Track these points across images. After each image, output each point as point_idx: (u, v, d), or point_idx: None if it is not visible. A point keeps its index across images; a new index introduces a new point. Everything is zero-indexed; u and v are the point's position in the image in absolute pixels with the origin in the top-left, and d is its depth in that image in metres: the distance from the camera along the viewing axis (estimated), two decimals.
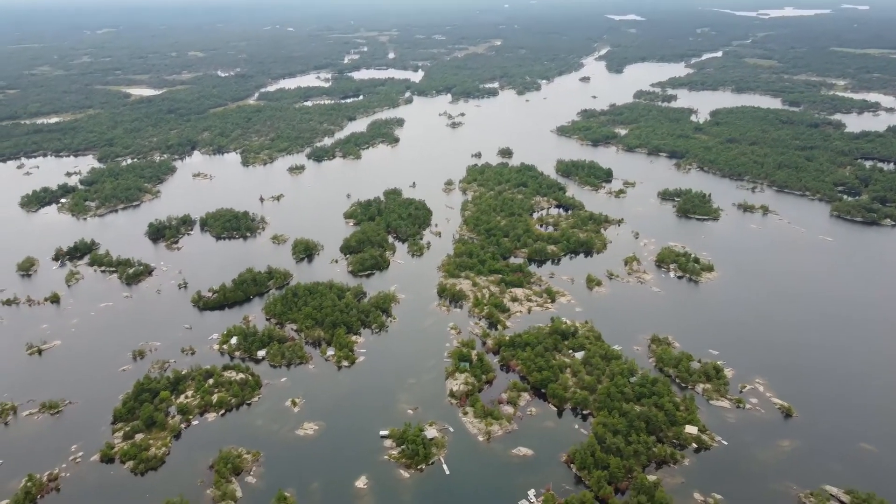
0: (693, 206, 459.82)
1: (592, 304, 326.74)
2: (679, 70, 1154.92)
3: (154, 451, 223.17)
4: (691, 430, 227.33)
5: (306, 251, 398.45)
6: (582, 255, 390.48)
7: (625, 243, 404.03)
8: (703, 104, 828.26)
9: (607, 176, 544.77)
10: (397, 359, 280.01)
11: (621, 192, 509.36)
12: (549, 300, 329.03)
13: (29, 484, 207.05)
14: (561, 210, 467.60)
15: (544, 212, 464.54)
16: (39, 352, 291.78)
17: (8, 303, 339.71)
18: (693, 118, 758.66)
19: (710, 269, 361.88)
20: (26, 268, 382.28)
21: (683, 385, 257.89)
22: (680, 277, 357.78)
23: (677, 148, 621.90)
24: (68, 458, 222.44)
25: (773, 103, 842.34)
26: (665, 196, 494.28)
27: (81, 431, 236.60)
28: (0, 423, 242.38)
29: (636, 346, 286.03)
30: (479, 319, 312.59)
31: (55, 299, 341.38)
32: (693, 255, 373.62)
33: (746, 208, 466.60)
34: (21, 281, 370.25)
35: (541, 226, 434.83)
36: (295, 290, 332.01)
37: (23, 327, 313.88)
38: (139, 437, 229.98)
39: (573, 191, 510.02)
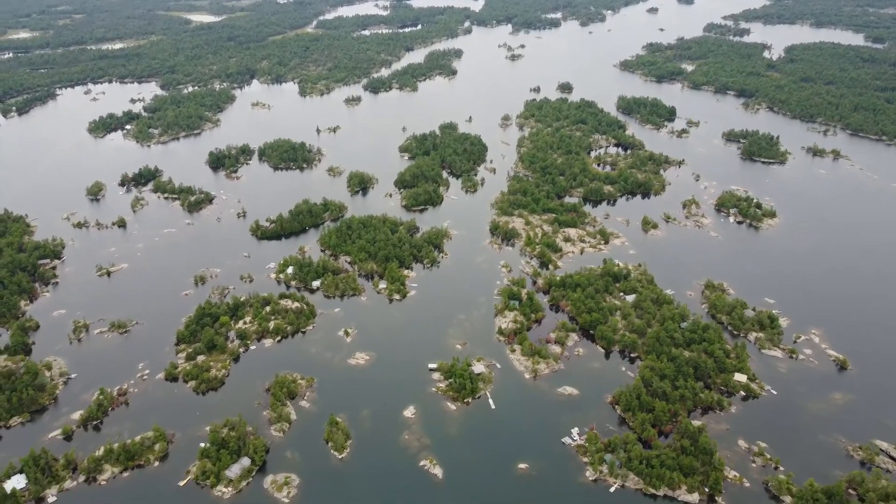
0: (759, 149, 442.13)
1: (647, 247, 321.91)
2: (755, 1, 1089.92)
3: (214, 372, 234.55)
4: (740, 378, 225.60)
5: (361, 184, 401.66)
6: (639, 197, 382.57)
7: (684, 185, 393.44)
8: (777, 39, 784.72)
9: (670, 114, 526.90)
10: (448, 294, 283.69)
11: (684, 131, 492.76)
12: (603, 242, 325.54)
13: (101, 397, 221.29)
14: (620, 149, 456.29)
15: (602, 150, 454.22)
16: (108, 273, 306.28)
17: (78, 226, 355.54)
18: (766, 55, 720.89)
19: (772, 215, 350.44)
20: (95, 192, 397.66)
21: (735, 333, 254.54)
22: (740, 223, 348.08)
23: (747, 86, 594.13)
24: (136, 375, 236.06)
25: (855, 39, 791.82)
26: (730, 137, 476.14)
27: (147, 351, 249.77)
28: (74, 339, 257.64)
29: (689, 292, 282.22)
30: (531, 258, 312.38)
31: (122, 224, 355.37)
32: (755, 200, 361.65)
33: (816, 152, 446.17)
34: (90, 205, 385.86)
35: (598, 165, 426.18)
36: (349, 223, 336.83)
37: (93, 249, 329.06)
38: (201, 358, 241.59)
39: (634, 129, 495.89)
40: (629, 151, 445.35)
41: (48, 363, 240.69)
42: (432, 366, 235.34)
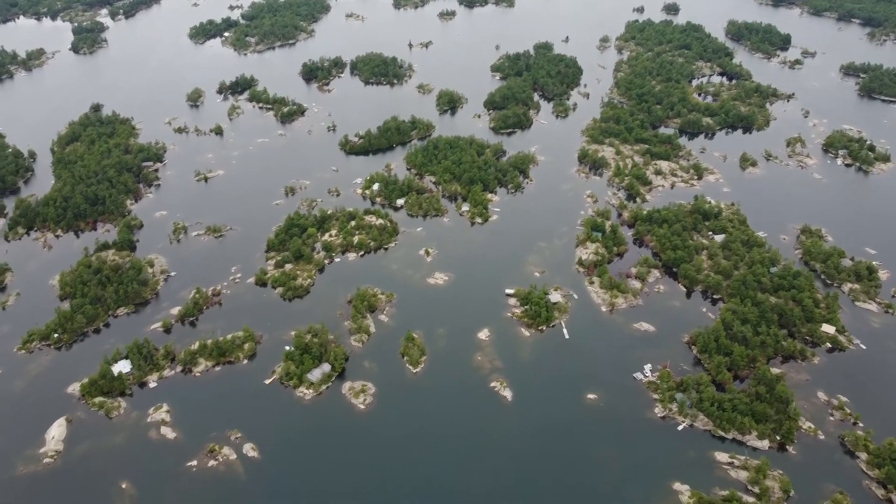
0: (881, 85, 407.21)
1: (743, 185, 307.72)
2: None
3: (300, 281, 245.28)
4: (828, 329, 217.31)
5: (450, 103, 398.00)
6: (740, 131, 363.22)
7: (791, 122, 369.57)
8: None
9: (784, 43, 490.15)
10: (530, 221, 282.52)
11: (797, 62, 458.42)
12: (696, 176, 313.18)
13: (197, 296, 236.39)
14: (724, 78, 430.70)
15: (705, 79, 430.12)
16: (206, 179, 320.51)
17: (179, 131, 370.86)
18: None
19: (885, 158, 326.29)
20: (194, 98, 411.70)
21: (829, 282, 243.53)
22: (848, 165, 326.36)
23: (875, 14, 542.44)
24: (229, 278, 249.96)
25: None
26: (848, 71, 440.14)
27: (240, 255, 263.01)
28: (174, 239, 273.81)
29: (783, 236, 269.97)
30: (618, 190, 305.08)
31: (219, 131, 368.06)
32: (868, 142, 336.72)
33: None
34: (190, 111, 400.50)
35: (699, 94, 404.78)
36: (436, 143, 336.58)
37: (191, 154, 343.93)
38: (288, 267, 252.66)
39: (742, 57, 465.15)
40: (734, 82, 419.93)
41: (150, 260, 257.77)
42: (509, 291, 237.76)
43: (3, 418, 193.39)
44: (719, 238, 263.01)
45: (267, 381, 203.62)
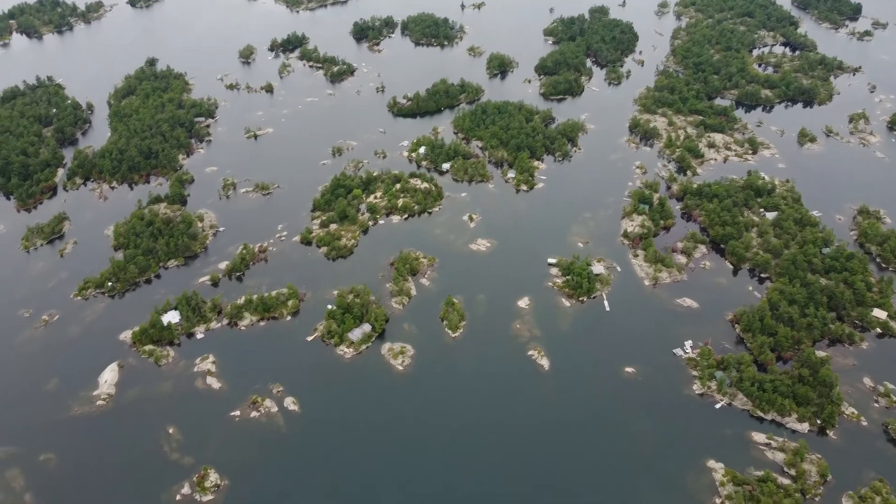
0: None
1: (799, 161, 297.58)
2: None
3: (344, 241, 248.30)
4: (879, 314, 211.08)
5: (500, 67, 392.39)
6: (800, 105, 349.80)
7: (855, 97, 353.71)
8: None
9: (854, 12, 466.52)
10: (576, 190, 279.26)
11: (867, 34, 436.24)
12: (751, 151, 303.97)
13: (244, 251, 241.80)
14: (787, 49, 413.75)
15: (767, 49, 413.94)
16: (255, 136, 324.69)
17: (230, 87, 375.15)
18: None
19: None
20: (246, 55, 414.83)
21: (884, 266, 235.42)
22: None
23: None
24: (275, 235, 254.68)
25: None
26: None
27: (286, 213, 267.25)
28: (223, 195, 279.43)
29: (839, 216, 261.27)
30: (669, 162, 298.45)
31: (269, 89, 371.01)
32: None
33: None
34: (241, 67, 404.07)
35: (759, 65, 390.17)
36: (484, 107, 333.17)
37: (242, 112, 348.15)
38: (333, 227, 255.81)
39: (808, 27, 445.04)
40: (797, 53, 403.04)
41: (200, 215, 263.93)
42: (551, 260, 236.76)
43: (59, 361, 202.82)
44: (771, 215, 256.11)
45: (309, 338, 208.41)
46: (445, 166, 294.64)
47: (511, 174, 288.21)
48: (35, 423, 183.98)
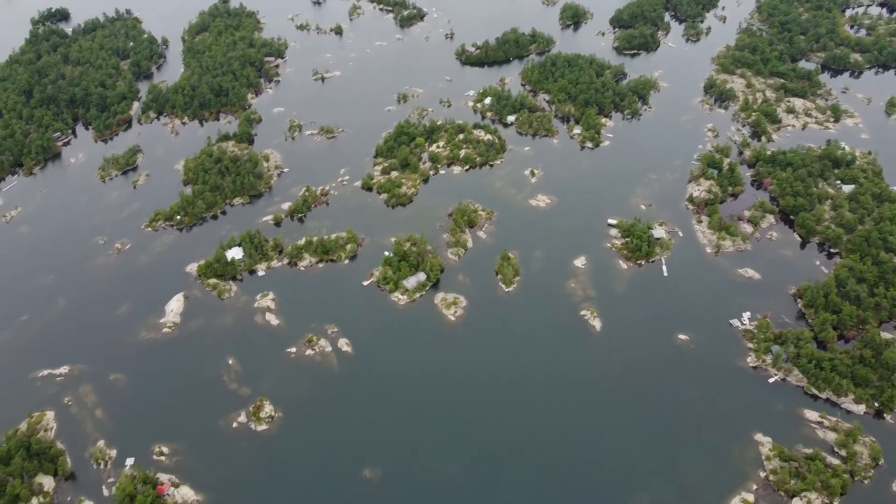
0: None
1: (885, 132, 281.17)
2: None
3: (405, 189, 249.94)
4: None
5: (574, 17, 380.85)
6: (892, 72, 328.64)
7: None
8: None
9: None
10: (643, 150, 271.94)
11: None
12: (832, 119, 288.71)
13: (306, 193, 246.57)
14: (884, 10, 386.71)
15: (862, 9, 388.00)
16: (322, 79, 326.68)
17: (301, 28, 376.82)
18: None
19: None
20: None
21: None
22: None
23: None
24: (336, 179, 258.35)
25: None
26: None
27: (348, 158, 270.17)
28: (289, 137, 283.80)
29: None
30: (743, 126, 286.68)
31: (338, 31, 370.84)
32: None
33: None
34: (312, 8, 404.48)
35: (851, 27, 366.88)
36: (554, 60, 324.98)
37: (311, 53, 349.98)
38: (394, 174, 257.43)
39: None
40: (895, 15, 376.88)
41: (266, 155, 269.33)
42: (612, 221, 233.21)
43: (130, 288, 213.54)
44: (847, 188, 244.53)
45: (365, 283, 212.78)
46: (510, 118, 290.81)
47: (577, 130, 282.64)
48: (106, 344, 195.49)
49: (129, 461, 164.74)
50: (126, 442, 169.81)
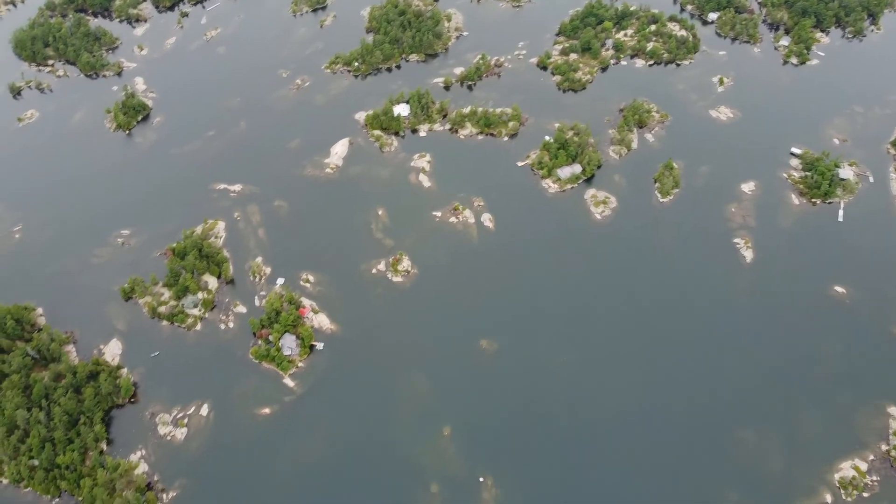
0: None
1: None
2: None
3: (580, 74, 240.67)
4: None
5: None
6: None
7: None
8: None
9: None
10: (855, 77, 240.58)
11: None
12: None
13: (480, 62, 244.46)
14: None
15: None
16: None
17: None
18: None
19: None
20: None
21: None
22: None
23: None
24: (513, 52, 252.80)
25: None
26: None
27: (529, 31, 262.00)
28: None
29: None
30: None
31: None
32: None
33: None
34: None
35: None
36: None
37: None
38: (573, 57, 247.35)
39: None
40: None
41: (449, 15, 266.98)
42: (795, 150, 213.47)
43: (303, 124, 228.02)
44: None
45: (519, 163, 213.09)
46: (712, 16, 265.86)
47: (784, 41, 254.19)
48: (275, 172, 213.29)
49: (280, 280, 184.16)
50: (279, 263, 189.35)
